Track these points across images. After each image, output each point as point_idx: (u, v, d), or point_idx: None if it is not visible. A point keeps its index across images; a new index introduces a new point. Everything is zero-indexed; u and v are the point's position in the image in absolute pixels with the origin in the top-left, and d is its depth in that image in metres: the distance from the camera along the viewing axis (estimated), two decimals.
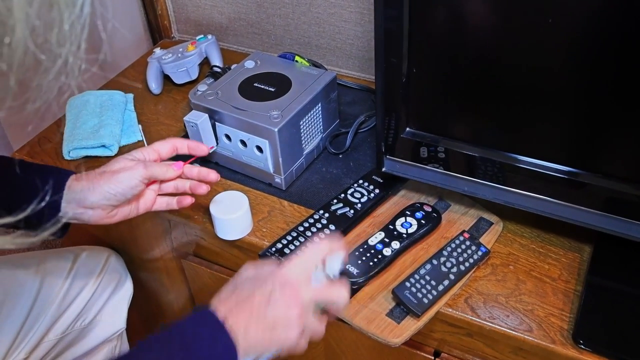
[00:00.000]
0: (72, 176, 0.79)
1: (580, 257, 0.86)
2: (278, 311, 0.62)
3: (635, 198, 0.73)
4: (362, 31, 1.19)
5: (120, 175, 0.77)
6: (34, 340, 0.98)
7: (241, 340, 0.60)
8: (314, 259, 0.68)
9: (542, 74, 0.70)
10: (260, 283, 0.64)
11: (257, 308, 0.62)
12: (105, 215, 0.80)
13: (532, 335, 0.77)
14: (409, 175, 0.89)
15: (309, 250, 0.68)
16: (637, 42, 0.62)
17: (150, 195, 0.85)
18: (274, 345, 0.62)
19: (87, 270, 1.09)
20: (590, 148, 0.74)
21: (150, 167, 0.79)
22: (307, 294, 0.64)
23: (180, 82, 1.26)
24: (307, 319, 0.64)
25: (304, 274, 0.66)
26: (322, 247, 0.68)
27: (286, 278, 0.64)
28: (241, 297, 0.63)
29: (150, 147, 0.84)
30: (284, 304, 0.62)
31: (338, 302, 0.67)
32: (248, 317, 0.61)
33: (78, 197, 0.77)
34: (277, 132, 0.92)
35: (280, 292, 0.63)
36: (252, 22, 1.33)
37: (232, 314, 0.61)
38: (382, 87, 0.80)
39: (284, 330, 0.62)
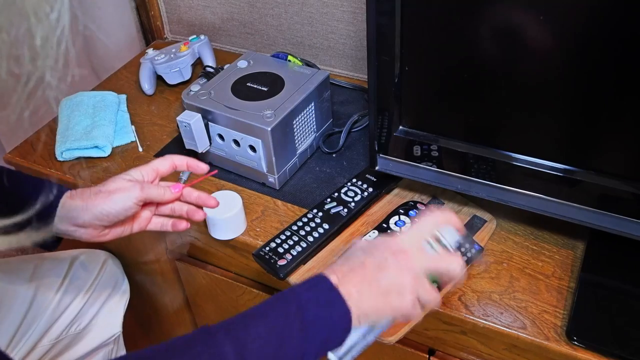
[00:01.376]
0: (66, 193, 0.78)
1: (573, 254, 0.86)
2: (391, 277, 0.61)
3: (628, 195, 0.73)
4: (354, 30, 1.19)
5: (115, 196, 0.76)
6: (28, 345, 0.98)
7: (354, 305, 0.59)
8: (428, 229, 0.66)
9: (536, 72, 0.70)
10: (372, 251, 0.63)
11: (369, 274, 0.61)
12: (97, 234, 0.79)
13: (526, 332, 0.77)
14: (402, 173, 0.89)
15: (423, 220, 0.67)
16: (630, 39, 0.62)
17: (146, 215, 0.84)
18: (387, 311, 0.61)
19: (83, 274, 1.08)
20: (583, 145, 0.74)
21: (146, 189, 0.78)
22: (420, 261, 0.63)
23: (173, 82, 1.26)
24: (421, 286, 0.62)
25: (417, 242, 0.65)
26: (436, 218, 0.67)
27: (399, 245, 0.63)
28: (353, 264, 0.62)
29: (149, 165, 0.82)
30: (396, 270, 0.61)
31: (452, 271, 0.64)
32: (361, 283, 0.60)
33: (71, 215, 0.77)
34: (270, 131, 0.92)
35: (393, 258, 0.62)
36: (245, 22, 1.33)
37: (344, 280, 0.60)
38: (374, 86, 0.80)
39: (397, 296, 0.61)
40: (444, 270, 0.64)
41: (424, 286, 0.63)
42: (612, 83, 0.66)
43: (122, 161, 1.10)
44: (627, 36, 0.62)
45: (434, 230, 0.67)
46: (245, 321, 0.58)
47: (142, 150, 1.12)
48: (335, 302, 0.59)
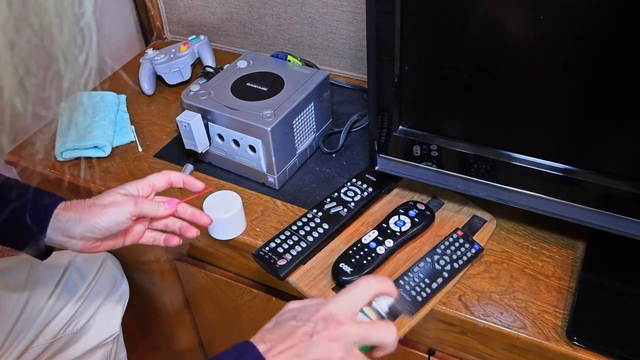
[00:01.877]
0: (61, 204, 0.79)
1: (573, 254, 0.86)
2: (320, 348, 0.59)
3: (628, 195, 0.73)
4: (354, 30, 1.19)
5: (108, 210, 0.76)
6: (23, 344, 0.97)
7: None
8: (362, 297, 0.64)
9: (536, 71, 0.70)
10: (304, 318, 0.61)
11: (299, 344, 0.59)
12: (89, 246, 0.79)
13: (526, 332, 0.77)
14: (402, 173, 0.89)
15: (358, 286, 0.64)
16: (630, 38, 0.62)
17: (139, 229, 0.84)
18: None
19: (80, 274, 1.08)
20: (584, 145, 0.74)
21: (140, 205, 0.78)
22: (351, 331, 0.61)
23: (173, 82, 1.26)
24: (352, 357, 0.61)
25: (350, 310, 0.63)
26: (370, 286, 0.65)
27: (331, 313, 0.61)
28: (283, 332, 0.60)
29: (145, 180, 0.82)
30: (327, 340, 0.60)
31: (385, 340, 0.62)
32: (289, 352, 0.59)
33: (63, 226, 0.77)
34: (270, 131, 0.92)
35: (324, 327, 0.60)
36: (245, 22, 1.33)
37: (273, 348, 0.59)
38: (374, 86, 0.80)
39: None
40: (377, 340, 0.63)
41: (355, 358, 0.61)
42: (612, 82, 0.66)
43: (121, 161, 1.09)
44: (627, 35, 0.62)
45: (368, 297, 0.65)
46: None
47: (141, 150, 1.12)
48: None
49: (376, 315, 0.66)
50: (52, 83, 0.40)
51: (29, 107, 0.40)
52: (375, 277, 0.66)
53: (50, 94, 0.41)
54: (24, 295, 0.99)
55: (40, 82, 0.40)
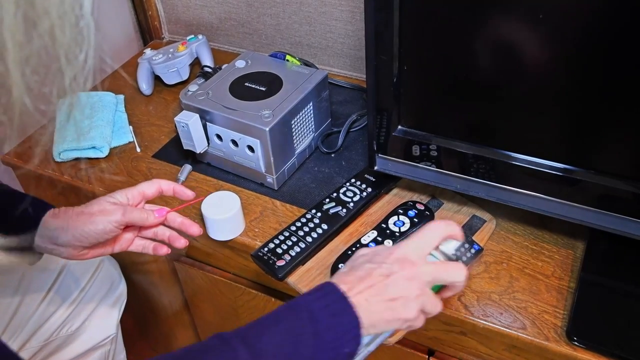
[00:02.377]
0: (49, 211, 0.79)
1: (573, 254, 0.86)
2: (398, 287, 0.62)
3: (628, 194, 0.73)
4: (353, 30, 1.19)
5: (96, 218, 0.76)
6: (15, 346, 0.96)
7: (364, 313, 0.60)
8: (432, 240, 0.67)
9: (535, 70, 0.69)
10: (379, 261, 0.64)
11: (377, 284, 0.61)
12: (76, 254, 0.80)
13: (526, 332, 0.76)
14: (401, 173, 0.88)
15: (426, 230, 0.67)
16: (630, 39, 0.62)
17: (128, 237, 0.84)
18: (394, 320, 0.62)
19: (75, 277, 1.07)
20: (584, 145, 0.74)
21: (128, 214, 0.78)
22: (425, 270, 0.63)
23: (171, 82, 1.25)
24: (426, 296, 0.63)
25: (422, 252, 0.65)
26: (439, 229, 0.67)
27: (405, 255, 0.64)
28: (361, 273, 0.62)
29: (136, 188, 0.82)
30: (403, 280, 0.62)
31: (456, 279, 0.65)
32: (369, 292, 0.61)
33: (51, 234, 0.77)
34: (269, 131, 0.92)
35: (400, 268, 0.62)
36: (243, 22, 1.32)
37: (353, 289, 0.61)
38: (373, 85, 0.80)
39: (403, 305, 0.61)
40: (448, 280, 0.65)
41: (429, 297, 0.63)
42: (612, 82, 0.66)
43: (119, 162, 1.09)
44: (627, 34, 0.61)
45: (437, 240, 0.67)
46: (258, 329, 0.59)
47: (140, 150, 1.11)
48: (346, 311, 0.59)
49: (444, 257, 0.68)
50: (53, 81, 0.42)
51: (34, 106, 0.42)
52: (443, 221, 0.68)
53: (52, 91, 0.42)
54: (16, 298, 0.98)
55: (42, 80, 0.42)
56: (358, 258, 0.66)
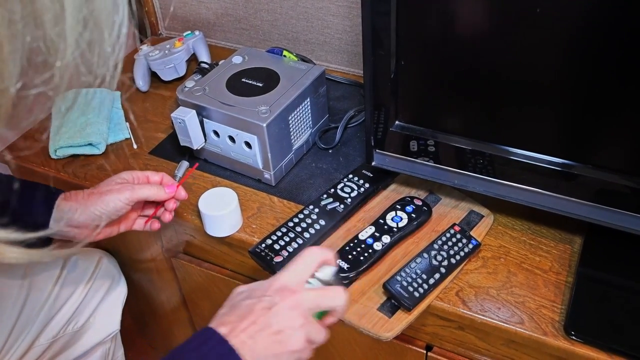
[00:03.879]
0: (61, 195, 0.81)
1: (571, 249, 0.86)
2: (282, 318, 0.60)
3: (625, 189, 0.73)
4: (350, 25, 1.19)
5: (107, 197, 0.80)
6: (25, 344, 0.97)
7: (249, 353, 0.57)
8: (309, 266, 0.65)
9: (533, 65, 0.69)
10: (259, 295, 0.62)
11: (260, 318, 0.59)
12: (89, 234, 0.83)
13: (524, 327, 0.76)
14: (398, 169, 0.88)
15: (302, 258, 0.66)
16: (628, 33, 0.61)
17: (133, 216, 0.89)
18: (282, 354, 0.60)
19: (78, 273, 1.08)
20: (581, 139, 0.73)
21: (138, 190, 0.81)
22: (306, 297, 0.62)
23: (168, 79, 1.25)
24: (310, 324, 0.62)
25: (300, 279, 0.64)
26: (315, 255, 0.66)
27: (283, 284, 0.63)
28: (241, 312, 0.60)
29: (142, 172, 0.86)
30: (286, 310, 0.60)
31: (337, 304, 0.64)
32: (253, 328, 0.59)
33: (66, 216, 0.80)
34: (266, 127, 0.91)
35: (281, 298, 0.61)
36: (240, 18, 1.32)
37: (236, 329, 0.58)
38: (370, 80, 0.79)
39: (290, 337, 0.60)
40: (330, 305, 0.64)
41: (313, 325, 0.62)
42: (610, 77, 0.66)
43: (116, 158, 1.09)
44: (625, 30, 0.61)
45: (314, 267, 0.66)
46: None
47: (136, 147, 1.11)
48: (228, 356, 0.57)
49: (321, 284, 0.67)
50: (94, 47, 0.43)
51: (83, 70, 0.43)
52: (317, 248, 0.68)
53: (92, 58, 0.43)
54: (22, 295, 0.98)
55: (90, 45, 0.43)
56: (236, 296, 0.64)
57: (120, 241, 1.19)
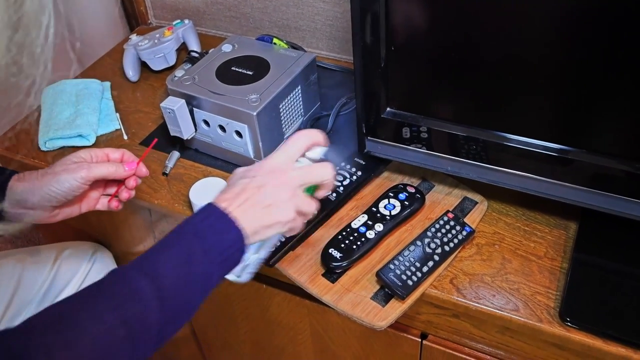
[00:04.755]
0: (14, 176, 0.80)
1: (566, 235, 0.85)
2: (270, 194, 0.67)
3: (620, 173, 0.72)
4: (341, 12, 1.17)
5: (61, 177, 0.78)
6: None
7: (245, 224, 0.65)
8: (297, 148, 0.71)
9: (526, 49, 0.68)
10: (252, 175, 0.69)
11: (252, 196, 0.67)
12: (47, 216, 0.81)
13: (519, 314, 0.76)
14: (391, 156, 0.87)
15: (291, 141, 0.71)
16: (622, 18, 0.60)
17: (94, 195, 0.86)
18: (274, 224, 0.67)
19: (71, 266, 1.07)
20: (575, 124, 0.73)
21: (94, 169, 0.80)
22: (294, 175, 0.69)
23: (158, 68, 1.23)
24: (298, 198, 0.69)
25: (289, 160, 0.71)
26: (303, 138, 0.72)
27: (273, 166, 0.69)
28: (236, 190, 0.67)
29: (101, 149, 0.84)
30: (274, 187, 0.68)
31: (324, 178, 0.71)
32: (247, 204, 0.66)
33: (19, 198, 0.78)
34: (256, 116, 0.90)
35: (271, 178, 0.68)
36: (229, 6, 1.30)
37: (232, 204, 0.65)
38: (360, 67, 0.78)
39: (279, 210, 0.67)
40: (317, 178, 0.71)
41: (302, 198, 0.69)
42: (605, 61, 0.65)
43: None
44: (619, 13, 0.60)
45: (302, 148, 0.72)
46: (153, 256, 0.62)
47: (127, 138, 1.10)
48: (229, 226, 0.64)
49: (312, 162, 0.74)
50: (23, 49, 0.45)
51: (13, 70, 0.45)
52: (306, 130, 0.74)
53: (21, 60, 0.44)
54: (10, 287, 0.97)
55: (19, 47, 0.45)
56: (234, 176, 0.71)
57: (113, 234, 1.19)
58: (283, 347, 1.13)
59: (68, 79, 1.19)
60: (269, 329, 1.11)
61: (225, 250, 0.63)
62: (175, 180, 0.99)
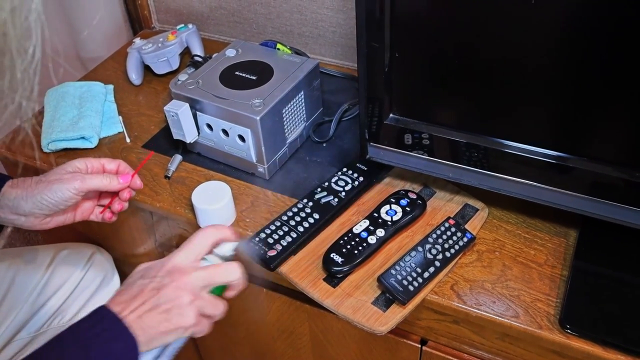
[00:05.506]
0: (8, 182, 0.80)
1: (566, 242, 0.85)
2: (169, 297, 0.63)
3: (620, 181, 0.73)
4: (344, 18, 1.18)
5: (54, 186, 0.78)
6: (4, 338, 0.96)
7: (139, 331, 0.60)
8: (201, 246, 0.68)
9: (528, 57, 0.69)
10: (151, 275, 0.65)
11: (149, 299, 0.62)
12: (38, 222, 0.81)
13: (519, 321, 0.76)
14: (393, 162, 0.88)
15: (195, 238, 0.68)
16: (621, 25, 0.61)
17: (88, 205, 0.86)
18: (173, 330, 0.63)
19: (67, 267, 1.07)
20: (576, 132, 0.73)
21: (88, 180, 0.79)
22: (196, 276, 0.65)
23: (161, 72, 1.24)
24: (202, 301, 0.65)
25: (193, 259, 0.67)
26: (208, 235, 0.69)
27: (175, 266, 0.65)
28: (133, 292, 0.63)
29: (97, 159, 0.84)
30: (174, 289, 0.63)
31: (230, 279, 0.67)
32: (142, 308, 0.62)
33: (11, 204, 0.78)
34: (259, 120, 0.91)
35: (170, 280, 0.64)
36: (233, 11, 1.31)
37: (127, 308, 0.61)
38: (364, 73, 0.79)
39: (179, 314, 0.63)
40: (223, 280, 0.67)
41: (206, 300, 0.65)
42: (605, 69, 0.65)
43: (109, 152, 1.08)
44: (618, 22, 0.61)
45: (208, 246, 0.68)
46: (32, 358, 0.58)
47: (129, 141, 1.10)
48: (121, 334, 0.59)
49: (220, 260, 0.70)
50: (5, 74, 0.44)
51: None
52: (212, 226, 0.70)
53: (4, 83, 0.44)
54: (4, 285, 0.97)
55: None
56: (134, 275, 0.67)
57: (114, 237, 1.19)
58: (283, 352, 1.13)
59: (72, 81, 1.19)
60: (269, 334, 1.11)
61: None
62: (178, 183, 1.00)
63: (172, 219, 1.02)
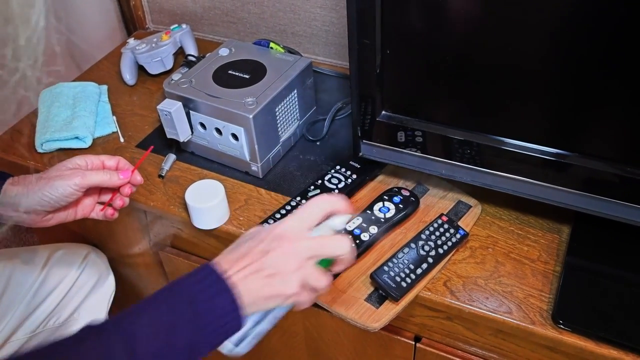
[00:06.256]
0: (8, 180, 0.80)
1: (559, 238, 0.85)
2: (275, 263, 0.62)
3: (613, 177, 0.73)
4: (337, 17, 1.18)
5: (55, 182, 0.78)
6: (1, 338, 0.96)
7: (243, 293, 0.60)
8: (313, 216, 0.65)
9: (521, 53, 0.69)
10: (260, 238, 0.64)
11: (255, 261, 0.62)
12: (39, 220, 0.81)
13: (512, 316, 0.76)
14: (386, 159, 0.88)
15: (307, 206, 0.66)
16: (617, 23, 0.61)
17: (89, 202, 0.86)
18: (274, 296, 0.62)
19: (63, 267, 1.06)
20: (569, 127, 0.73)
21: (88, 176, 0.79)
22: (304, 245, 0.63)
23: (155, 72, 1.24)
24: (306, 270, 0.63)
25: (302, 228, 0.65)
26: (322, 205, 0.66)
27: (283, 232, 0.64)
28: (240, 252, 0.63)
29: (97, 156, 0.84)
30: (280, 255, 0.62)
31: (338, 252, 0.64)
32: (248, 269, 0.61)
33: (12, 201, 0.78)
34: (252, 118, 0.91)
35: (277, 245, 0.63)
36: (227, 11, 1.31)
37: (233, 267, 0.61)
38: (356, 70, 0.79)
39: (282, 281, 0.61)
40: (330, 253, 0.65)
41: (311, 271, 0.63)
42: (600, 65, 0.66)
43: (103, 152, 1.08)
44: (615, 18, 0.61)
45: (320, 216, 0.66)
46: (134, 316, 0.59)
47: (123, 141, 1.10)
48: (224, 292, 0.59)
49: (331, 232, 0.67)
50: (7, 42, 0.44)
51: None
52: (327, 196, 0.67)
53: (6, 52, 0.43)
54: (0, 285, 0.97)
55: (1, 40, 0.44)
56: (244, 236, 0.67)
57: (108, 236, 1.19)
58: (277, 350, 1.13)
59: (66, 81, 1.19)
60: None
61: (217, 319, 0.59)
62: (171, 182, 1.00)
63: (166, 218, 1.02)
